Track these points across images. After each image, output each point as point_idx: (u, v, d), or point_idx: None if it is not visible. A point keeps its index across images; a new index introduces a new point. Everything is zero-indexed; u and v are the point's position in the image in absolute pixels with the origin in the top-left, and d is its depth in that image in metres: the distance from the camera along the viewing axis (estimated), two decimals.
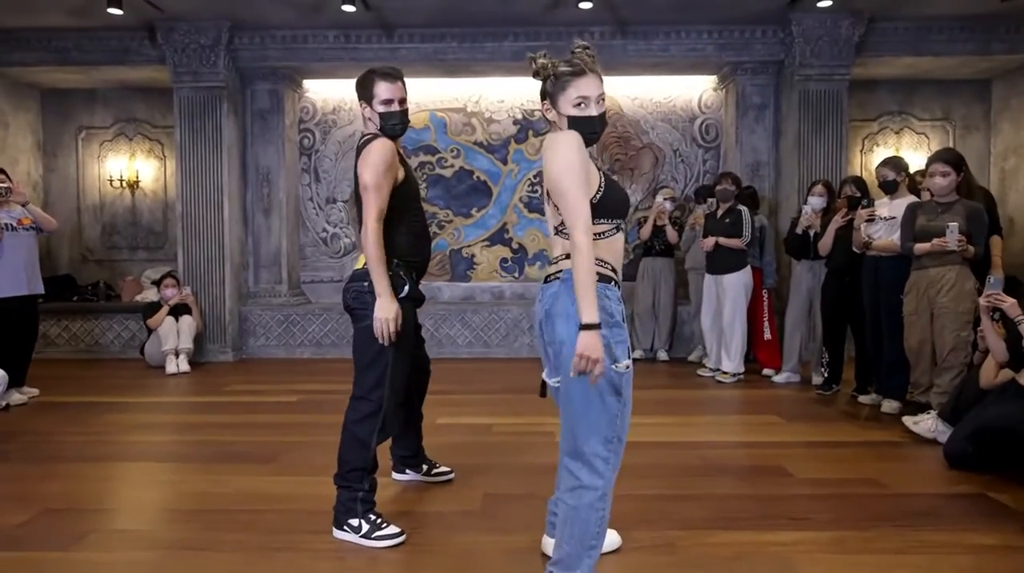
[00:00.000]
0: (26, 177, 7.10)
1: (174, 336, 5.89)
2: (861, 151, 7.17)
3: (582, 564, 1.86)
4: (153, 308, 6.03)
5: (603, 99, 1.89)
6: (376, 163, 2.41)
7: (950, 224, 3.65)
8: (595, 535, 1.86)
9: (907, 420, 3.72)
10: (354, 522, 2.44)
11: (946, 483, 2.96)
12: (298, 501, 2.82)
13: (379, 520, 2.46)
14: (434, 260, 7.03)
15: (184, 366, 5.81)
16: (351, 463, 2.49)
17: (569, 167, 1.77)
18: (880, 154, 7.11)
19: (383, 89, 2.49)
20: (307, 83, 6.93)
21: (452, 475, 3.03)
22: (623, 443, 1.88)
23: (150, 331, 6.02)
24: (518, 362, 6.30)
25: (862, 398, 4.51)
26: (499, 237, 7.03)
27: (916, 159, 6.96)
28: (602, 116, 1.89)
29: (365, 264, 2.46)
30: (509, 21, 6.14)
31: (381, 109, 2.50)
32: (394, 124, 2.52)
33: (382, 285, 2.40)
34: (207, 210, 6.35)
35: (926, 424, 3.57)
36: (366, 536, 2.42)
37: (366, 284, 2.46)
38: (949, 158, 3.77)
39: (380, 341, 2.42)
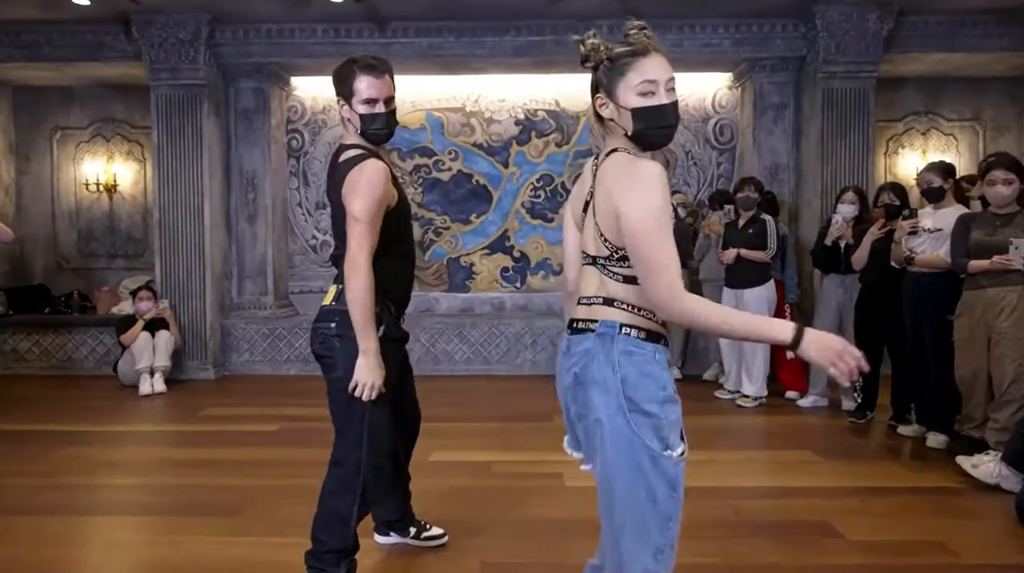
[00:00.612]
0: None
1: (149, 353, 5.46)
2: (885, 153, 6.73)
3: None
4: (127, 323, 5.60)
5: (674, 85, 1.45)
6: (369, 193, 1.96)
7: (1014, 239, 3.22)
8: None
9: (963, 461, 3.28)
10: None
11: None
12: (261, 571, 2.39)
13: None
14: (431, 269, 6.61)
15: (159, 386, 5.38)
16: (327, 544, 2.05)
17: (653, 213, 1.35)
18: (906, 156, 6.69)
19: (365, 85, 2.04)
20: (295, 80, 6.50)
21: (445, 539, 2.59)
22: (675, 550, 1.44)
23: (124, 347, 5.59)
24: (520, 380, 5.88)
25: (902, 429, 4.08)
26: (500, 245, 6.59)
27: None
28: (675, 105, 1.45)
29: (333, 300, 2.03)
30: (510, 14, 5.70)
31: (362, 110, 2.06)
32: (378, 129, 2.08)
33: (368, 340, 1.96)
34: (186, 217, 5.91)
35: (987, 468, 3.14)
36: None
37: (333, 325, 2.02)
38: (1012, 164, 3.34)
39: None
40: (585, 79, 5.63)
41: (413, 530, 2.56)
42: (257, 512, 2.93)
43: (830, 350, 1.31)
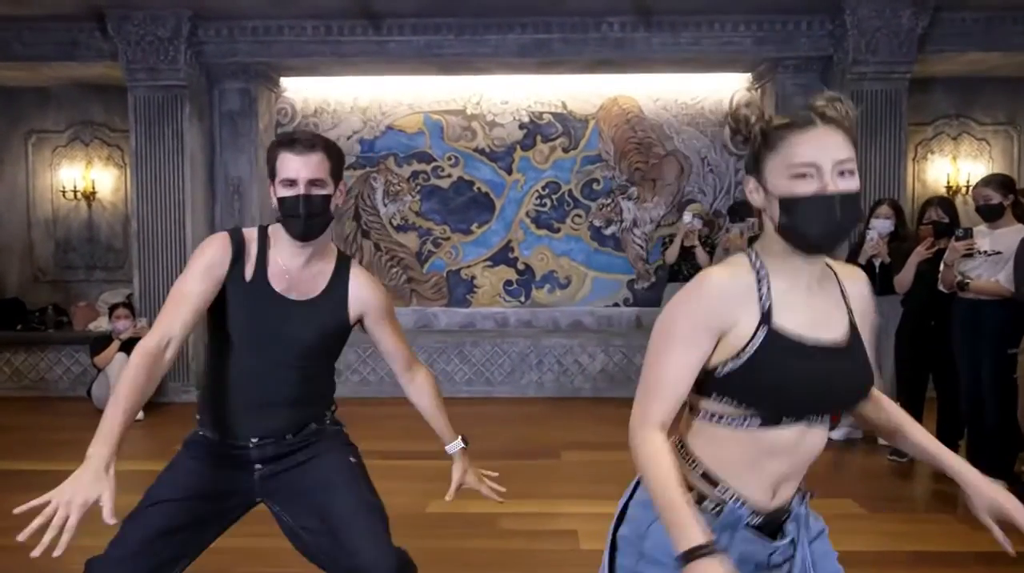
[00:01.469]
0: None
1: None
2: (914, 159, 6.31)
3: None
4: (102, 342, 5.22)
5: (849, 173, 1.09)
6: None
7: None
8: None
9: None
10: None
11: None
12: None
13: None
14: (429, 283, 6.22)
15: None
16: None
17: (665, 323, 1.16)
18: (935, 162, 6.28)
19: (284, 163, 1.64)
20: (284, 81, 6.10)
21: None
22: None
23: (99, 369, 5.20)
24: (525, 403, 5.49)
25: None
26: (503, 257, 6.19)
27: (976, 169, 6.14)
28: (849, 199, 1.08)
29: None
30: (515, 11, 5.32)
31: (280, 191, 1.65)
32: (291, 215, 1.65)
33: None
34: (167, 227, 5.53)
35: None
36: None
37: None
38: None
39: None
40: (593, 79, 5.12)
41: None
42: None
43: None
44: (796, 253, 1.13)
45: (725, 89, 6.06)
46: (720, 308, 1.11)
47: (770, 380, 1.10)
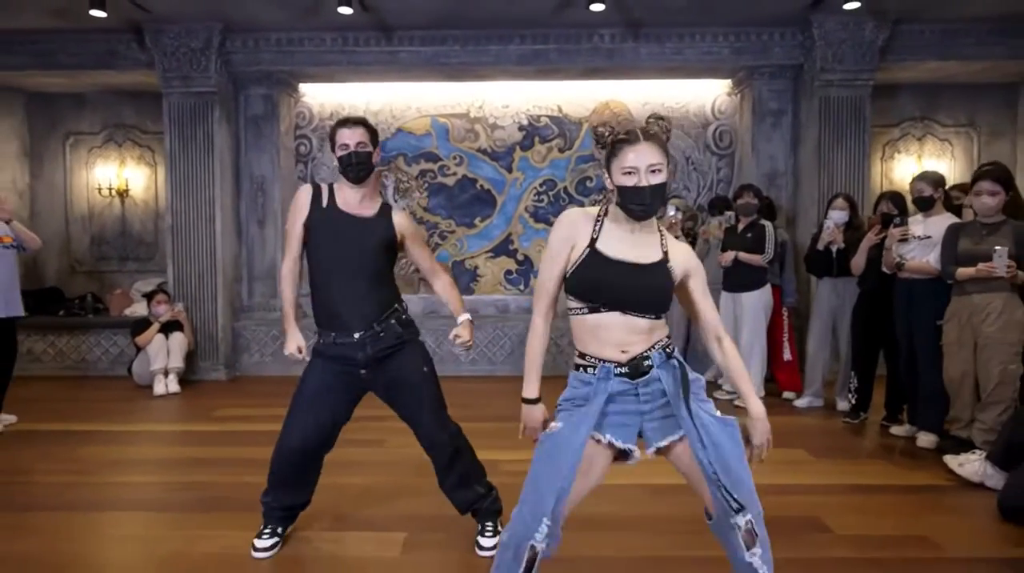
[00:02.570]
0: (11, 185, 6.82)
1: (164, 355, 5.61)
2: (882, 159, 6.86)
3: None
4: (142, 325, 5.75)
5: (657, 171, 1.79)
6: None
7: (997, 248, 3.36)
8: None
9: (950, 460, 3.43)
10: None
11: (1007, 543, 2.67)
12: (288, 565, 2.54)
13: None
14: None
15: (173, 386, 5.53)
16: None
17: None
18: (901, 162, 6.82)
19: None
20: (303, 87, 6.64)
21: None
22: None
23: (139, 349, 5.74)
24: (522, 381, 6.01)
25: (894, 429, 4.23)
26: (503, 248, 6.74)
27: (939, 167, 6.67)
28: (656, 188, 1.78)
29: None
30: (515, 23, 5.84)
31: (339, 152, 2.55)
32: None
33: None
34: (198, 221, 6.06)
35: (972, 467, 3.28)
36: None
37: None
38: (999, 175, 3.47)
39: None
40: (586, 85, 5.80)
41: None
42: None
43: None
44: (627, 216, 1.82)
45: (707, 95, 6.60)
46: (571, 230, 1.85)
47: (588, 280, 1.82)
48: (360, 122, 2.58)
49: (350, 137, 2.53)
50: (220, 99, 6.05)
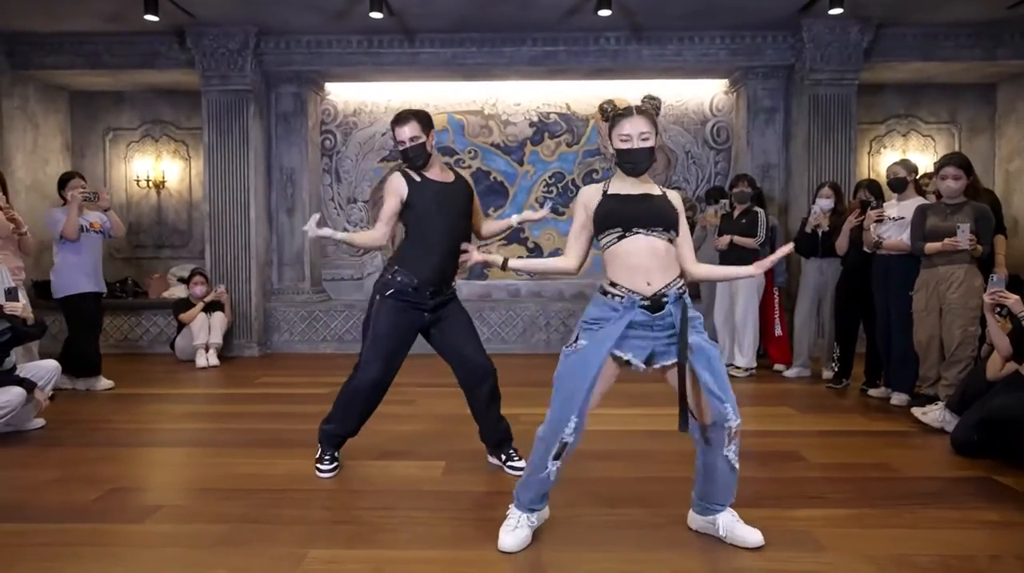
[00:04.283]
0: (55, 178, 7.28)
1: (205, 331, 6.09)
2: (868, 153, 7.34)
3: None
4: (184, 305, 6.23)
5: (645, 138, 2.28)
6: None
7: (961, 225, 3.83)
8: None
9: (916, 411, 3.91)
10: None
11: (953, 468, 3.14)
12: (348, 482, 3.02)
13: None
14: None
15: (213, 360, 6.01)
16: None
17: None
18: (887, 156, 7.29)
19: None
20: (329, 86, 7.13)
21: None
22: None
23: (181, 326, 6.21)
24: (535, 357, 6.48)
25: (872, 391, 4.69)
26: (515, 236, 7.22)
27: (923, 160, 7.14)
28: (644, 150, 2.29)
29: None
30: (528, 27, 6.32)
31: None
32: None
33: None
34: (234, 210, 6.55)
35: (934, 414, 3.75)
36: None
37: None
38: (961, 162, 3.95)
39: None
40: (593, 84, 6.40)
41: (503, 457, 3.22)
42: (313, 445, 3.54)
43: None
44: (626, 174, 2.35)
45: (705, 93, 7.08)
46: (585, 197, 2.41)
47: (608, 210, 2.32)
48: (410, 116, 2.96)
49: (403, 133, 2.94)
50: (254, 96, 6.54)
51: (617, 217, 2.29)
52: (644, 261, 2.26)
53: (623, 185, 2.36)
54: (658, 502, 2.73)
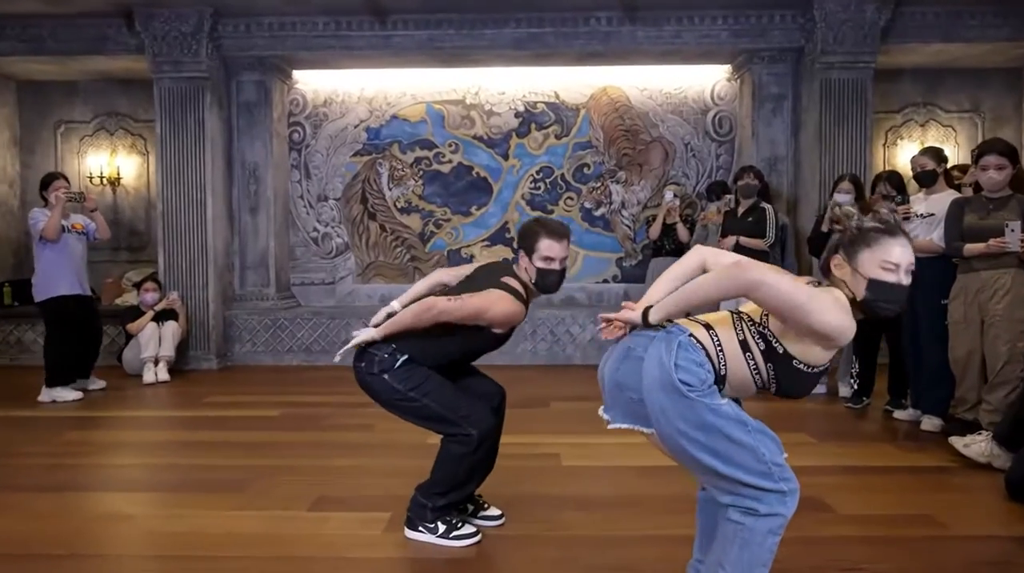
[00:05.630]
0: (2, 174, 6.74)
1: (155, 343, 5.52)
2: (884, 145, 6.76)
3: None
4: (134, 313, 5.67)
5: (913, 269, 1.70)
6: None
7: (1010, 223, 3.25)
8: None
9: (956, 441, 3.32)
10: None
11: (1014, 521, 2.57)
12: (267, 543, 2.44)
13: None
14: (432, 261, 6.66)
15: (163, 375, 5.44)
16: None
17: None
18: (904, 148, 6.71)
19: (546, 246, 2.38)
20: (297, 74, 6.55)
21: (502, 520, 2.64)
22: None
23: (130, 337, 5.65)
24: (520, 370, 5.90)
25: (898, 413, 4.12)
26: (500, 237, 6.64)
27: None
28: (905, 289, 1.69)
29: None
30: (510, 6, 5.75)
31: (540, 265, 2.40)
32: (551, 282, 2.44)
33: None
34: (189, 208, 5.97)
35: (979, 447, 3.18)
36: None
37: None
38: (1004, 149, 3.37)
39: None
40: (583, 71, 5.69)
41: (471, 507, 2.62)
42: (259, 489, 2.98)
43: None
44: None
45: (706, 80, 6.50)
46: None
47: None
48: (568, 234, 2.44)
49: (559, 251, 2.38)
50: (211, 85, 5.96)
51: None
52: None
53: None
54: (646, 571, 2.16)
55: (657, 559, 2.26)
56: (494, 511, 2.63)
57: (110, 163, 6.91)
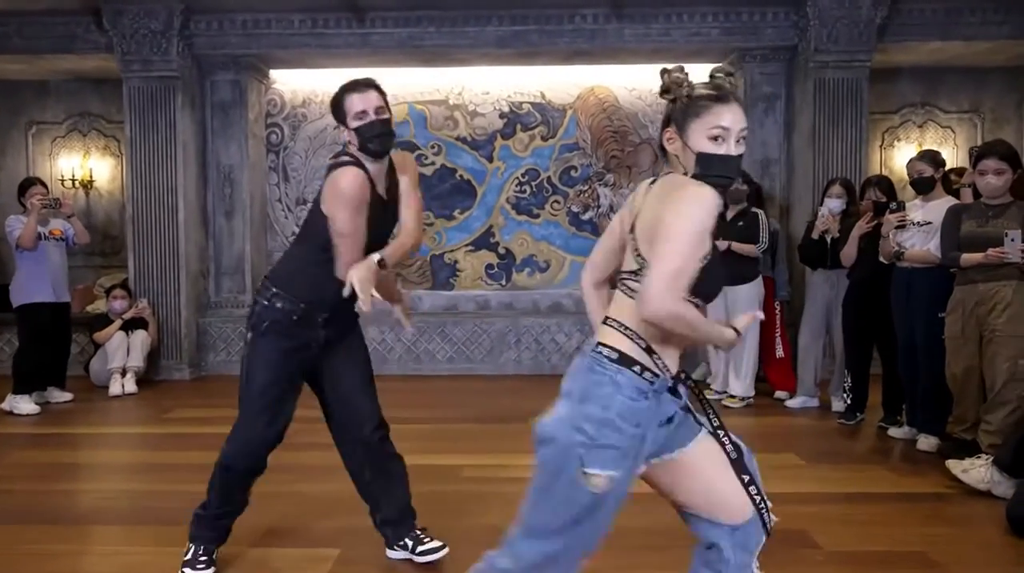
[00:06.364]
0: None
1: (123, 353, 5.32)
2: (881, 146, 6.56)
3: None
4: (102, 322, 5.47)
5: (745, 136, 1.51)
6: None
7: (1009, 231, 3.05)
8: None
9: (953, 466, 3.11)
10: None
11: (1016, 560, 2.36)
12: None
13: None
14: (414, 267, 6.45)
15: (130, 387, 5.24)
16: None
17: (694, 225, 1.38)
18: (902, 150, 6.50)
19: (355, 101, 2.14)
20: (274, 74, 6.34)
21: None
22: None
23: (97, 346, 5.45)
24: (504, 380, 5.73)
25: (892, 431, 3.91)
26: (484, 241, 6.43)
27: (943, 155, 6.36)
28: (740, 158, 1.50)
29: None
30: (492, 3, 5.55)
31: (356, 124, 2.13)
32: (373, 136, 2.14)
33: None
34: (160, 212, 5.77)
35: (978, 473, 2.97)
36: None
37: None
38: (1005, 153, 3.17)
39: None
40: (570, 70, 5.46)
41: None
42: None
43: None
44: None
45: (697, 78, 6.27)
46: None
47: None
48: (372, 84, 2.19)
49: (366, 102, 2.14)
50: (183, 84, 5.76)
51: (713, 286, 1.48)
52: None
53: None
54: None
55: None
56: (436, 544, 2.39)
57: (83, 165, 6.71)
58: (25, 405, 4.64)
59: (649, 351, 1.43)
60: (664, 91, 1.53)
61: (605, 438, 1.39)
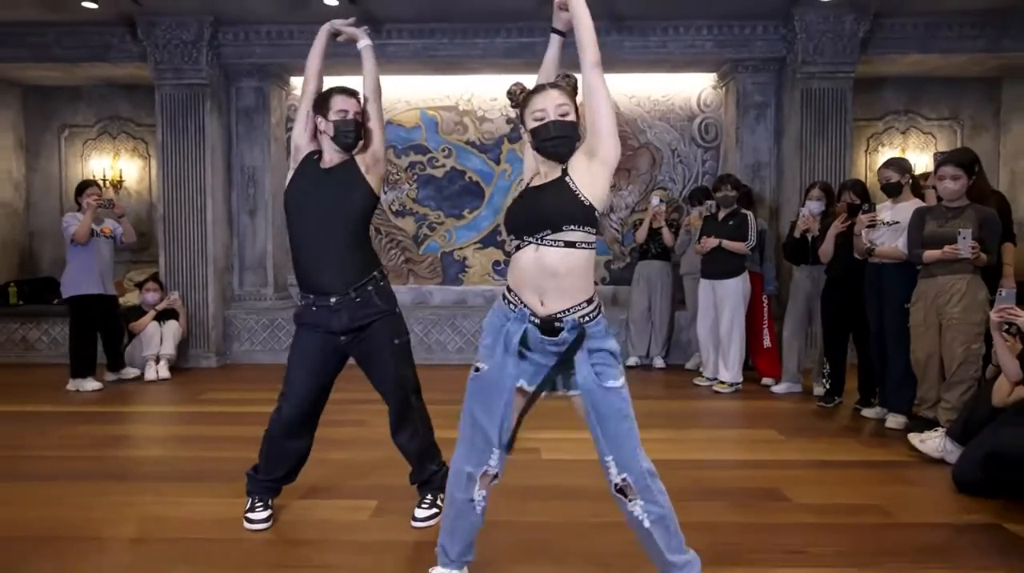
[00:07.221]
0: (7, 176, 6.93)
1: (156, 342, 5.71)
2: (866, 151, 6.95)
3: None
4: (136, 313, 5.85)
5: (566, 111, 1.98)
6: None
7: (962, 230, 3.44)
8: None
9: (913, 438, 3.51)
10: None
11: (957, 512, 2.75)
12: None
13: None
14: (425, 263, 6.84)
15: (164, 373, 5.62)
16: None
17: None
18: (886, 155, 6.88)
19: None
20: (294, 80, 6.73)
21: None
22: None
23: (132, 335, 5.83)
24: None
25: (866, 411, 4.31)
26: (492, 239, 6.83)
27: (923, 159, 6.75)
28: (555, 123, 1.95)
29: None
30: (502, 16, 5.93)
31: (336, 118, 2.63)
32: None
33: None
34: (190, 211, 6.16)
35: (933, 443, 3.36)
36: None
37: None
38: (960, 160, 3.56)
39: None
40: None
41: None
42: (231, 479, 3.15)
43: None
44: (547, 157, 2.03)
45: (692, 88, 6.68)
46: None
47: (508, 213, 2.02)
48: (355, 94, 2.72)
49: (348, 104, 2.64)
50: (211, 91, 6.14)
51: (509, 222, 2.00)
52: (533, 279, 1.91)
53: (538, 177, 2.03)
54: (612, 557, 2.35)
55: (616, 543, 2.43)
56: (428, 512, 2.66)
57: (113, 166, 7.10)
58: (88, 384, 5.18)
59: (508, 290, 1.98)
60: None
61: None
